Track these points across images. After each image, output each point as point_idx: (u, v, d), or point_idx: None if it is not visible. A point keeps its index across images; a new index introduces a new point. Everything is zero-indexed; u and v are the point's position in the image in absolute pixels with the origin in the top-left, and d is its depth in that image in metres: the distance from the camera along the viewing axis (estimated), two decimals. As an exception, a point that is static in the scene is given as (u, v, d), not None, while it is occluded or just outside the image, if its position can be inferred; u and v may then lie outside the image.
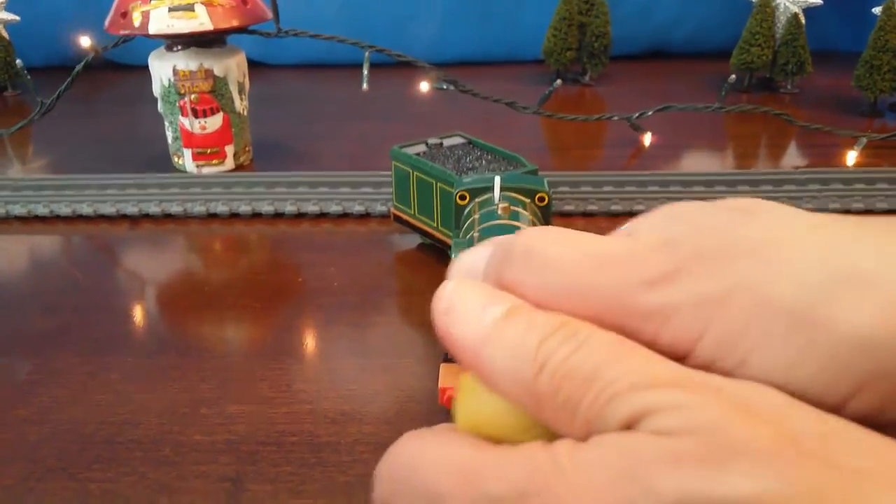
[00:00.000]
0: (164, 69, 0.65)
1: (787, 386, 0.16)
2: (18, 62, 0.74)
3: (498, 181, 0.44)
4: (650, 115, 0.70)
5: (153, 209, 0.60)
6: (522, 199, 0.44)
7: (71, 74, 0.68)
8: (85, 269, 0.54)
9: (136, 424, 0.37)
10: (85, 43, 0.67)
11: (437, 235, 0.51)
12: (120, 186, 0.63)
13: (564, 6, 0.93)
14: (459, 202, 0.45)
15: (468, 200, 0.45)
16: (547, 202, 0.44)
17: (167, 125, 0.68)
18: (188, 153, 0.67)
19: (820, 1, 0.87)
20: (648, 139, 0.72)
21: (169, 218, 0.60)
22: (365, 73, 0.67)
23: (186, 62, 0.64)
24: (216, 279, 0.52)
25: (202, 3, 0.62)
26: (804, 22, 0.87)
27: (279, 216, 0.60)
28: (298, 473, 0.34)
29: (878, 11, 0.79)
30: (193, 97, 0.65)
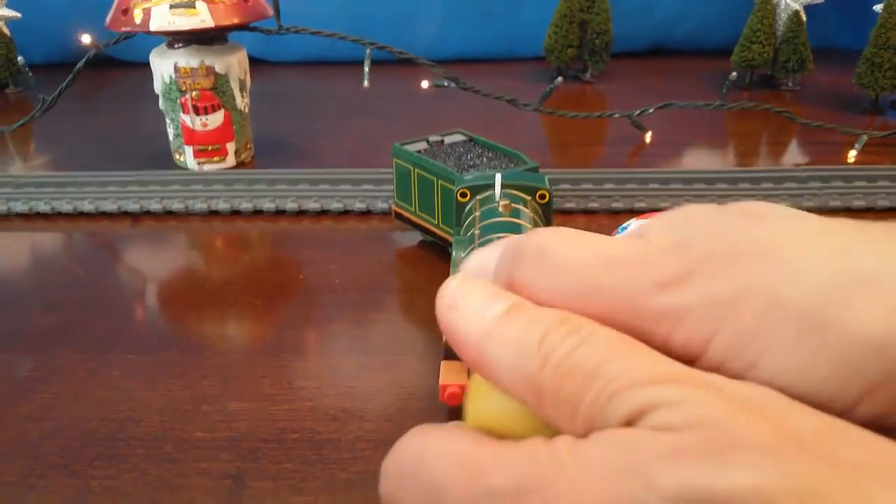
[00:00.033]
0: (165, 66, 0.65)
1: (797, 388, 0.16)
2: (20, 59, 0.74)
3: (499, 178, 0.44)
4: (651, 112, 0.70)
5: (154, 206, 0.60)
6: (523, 196, 0.44)
7: (72, 71, 0.68)
8: (86, 266, 0.54)
9: (137, 421, 0.37)
10: (86, 40, 0.67)
11: (438, 233, 0.51)
12: (121, 183, 0.63)
13: (565, 3, 0.93)
14: (460, 199, 0.45)
15: (469, 198, 0.45)
16: (548, 199, 0.44)
17: (168, 122, 0.68)
18: (189, 150, 0.67)
19: (821, -2, 0.87)
20: (649, 137, 0.72)
21: (170, 215, 0.60)
22: (366, 70, 0.67)
23: (188, 59, 0.64)
24: (217, 276, 0.52)
25: (203, 0, 0.62)
26: (805, 19, 0.87)
27: (280, 213, 0.60)
28: (299, 470, 0.34)
29: (879, 9, 0.79)
30: (195, 94, 0.65)
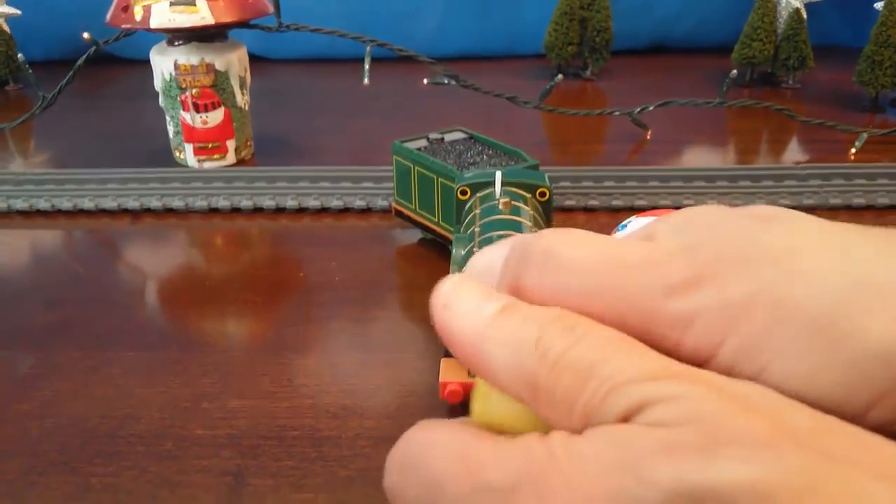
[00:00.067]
0: (165, 63, 0.65)
1: (807, 393, 0.16)
2: (20, 56, 0.74)
3: (499, 176, 0.44)
4: (651, 110, 0.70)
5: (154, 204, 0.60)
6: (523, 194, 0.44)
7: (72, 68, 0.68)
8: (86, 263, 0.54)
9: (137, 419, 0.37)
10: (86, 37, 0.67)
11: (438, 230, 0.51)
12: (121, 181, 0.63)
13: (566, 1, 0.93)
14: (460, 197, 0.45)
15: (469, 195, 0.45)
16: (548, 197, 0.44)
17: (168, 119, 0.68)
18: (189, 148, 0.67)
19: (821, -4, 0.87)
20: (650, 134, 0.72)
21: (170, 212, 0.60)
22: (366, 67, 0.67)
23: (188, 56, 0.64)
24: (217, 274, 0.52)
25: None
26: (806, 17, 0.87)
27: (280, 211, 0.60)
28: (300, 468, 0.34)
29: (879, 7, 0.78)
30: (195, 92, 0.65)
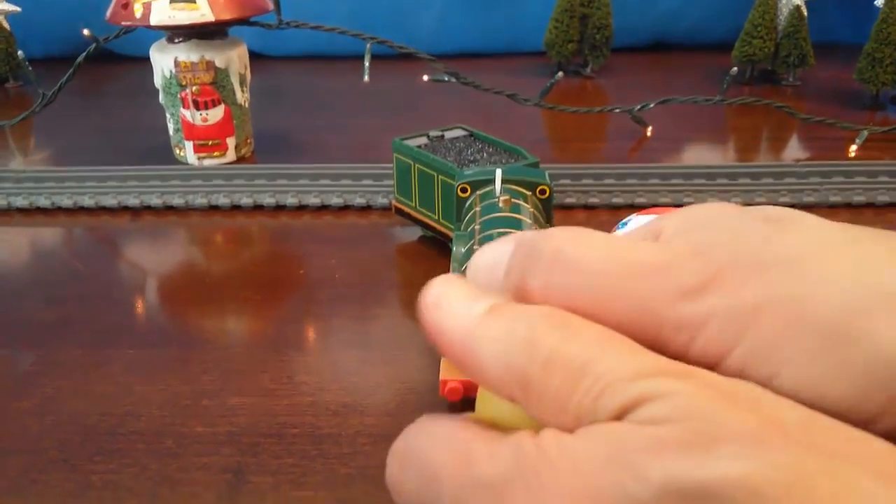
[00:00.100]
0: (165, 61, 0.65)
1: (818, 400, 0.15)
2: (20, 53, 0.74)
3: (499, 174, 0.44)
4: (652, 107, 0.70)
5: (155, 201, 0.60)
6: (524, 191, 0.44)
7: (72, 66, 0.68)
8: (87, 260, 0.54)
9: (137, 416, 0.37)
10: (86, 34, 0.67)
11: (438, 228, 0.51)
12: (121, 178, 0.63)
13: (566, -2, 0.93)
14: (461, 195, 0.45)
15: (469, 193, 0.45)
16: (548, 195, 0.44)
17: (168, 117, 0.68)
18: (189, 145, 0.67)
19: (822, -7, 0.87)
20: (650, 132, 0.72)
21: (170, 210, 0.60)
22: (366, 64, 0.67)
23: (188, 54, 0.64)
24: (217, 271, 0.52)
25: (203, -6, 0.62)
26: (806, 14, 0.87)
27: (281, 208, 0.60)
28: (300, 465, 0.34)
29: (880, 4, 0.78)
30: (195, 89, 0.65)
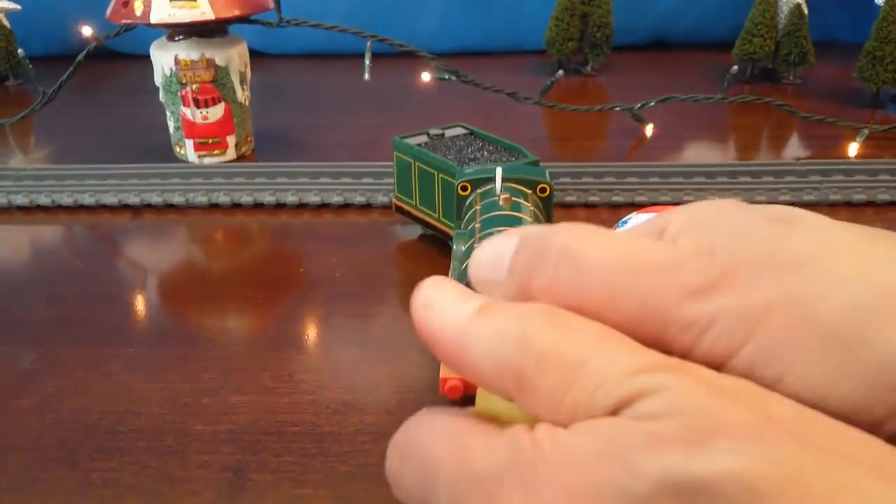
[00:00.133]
0: (165, 59, 0.65)
1: (825, 402, 0.15)
2: (20, 51, 0.74)
3: (499, 172, 0.44)
4: (652, 105, 0.70)
5: (155, 199, 0.60)
6: (524, 190, 0.44)
7: (73, 64, 0.68)
8: (87, 258, 0.54)
9: (138, 414, 0.37)
10: (86, 32, 0.67)
11: (438, 226, 0.51)
12: (121, 176, 0.63)
13: (566, -4, 0.93)
14: (461, 193, 0.45)
15: (470, 191, 0.45)
16: (548, 193, 0.44)
17: (169, 115, 0.68)
18: (190, 143, 0.67)
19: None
20: (650, 130, 0.72)
21: (171, 208, 0.60)
22: (367, 63, 0.67)
23: (188, 52, 0.64)
24: (218, 269, 0.52)
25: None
26: (807, 12, 0.87)
27: (281, 206, 0.60)
28: (300, 463, 0.34)
29: (880, 2, 0.78)
30: (195, 87, 0.65)
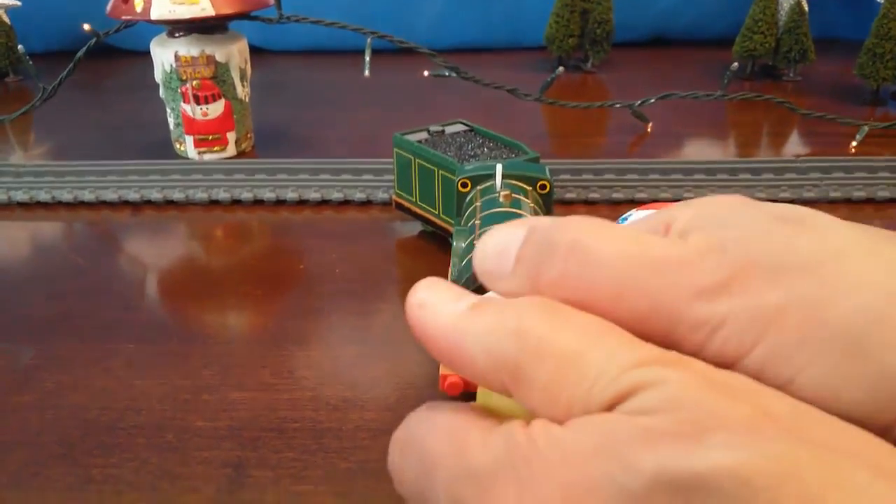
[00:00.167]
0: (165, 55, 0.65)
1: (835, 405, 0.15)
2: (20, 48, 0.74)
3: (500, 169, 0.44)
4: (652, 102, 0.70)
5: (155, 196, 0.60)
6: (524, 186, 0.44)
7: (73, 60, 0.68)
8: (87, 255, 0.54)
9: (138, 410, 0.37)
10: (86, 28, 0.67)
11: (438, 223, 0.51)
12: (121, 173, 0.63)
13: (567, -7, 0.93)
14: (461, 190, 0.45)
15: (470, 188, 0.45)
16: (548, 190, 0.45)
17: (169, 111, 0.68)
18: (190, 139, 0.67)
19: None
20: (650, 127, 0.72)
21: (171, 204, 0.60)
22: (367, 59, 0.67)
23: (188, 48, 0.64)
24: (218, 266, 0.52)
25: (204, -12, 0.61)
26: (807, 9, 0.87)
27: (281, 203, 0.60)
28: (300, 460, 0.34)
29: (881, -1, 0.78)
30: (195, 83, 0.65)
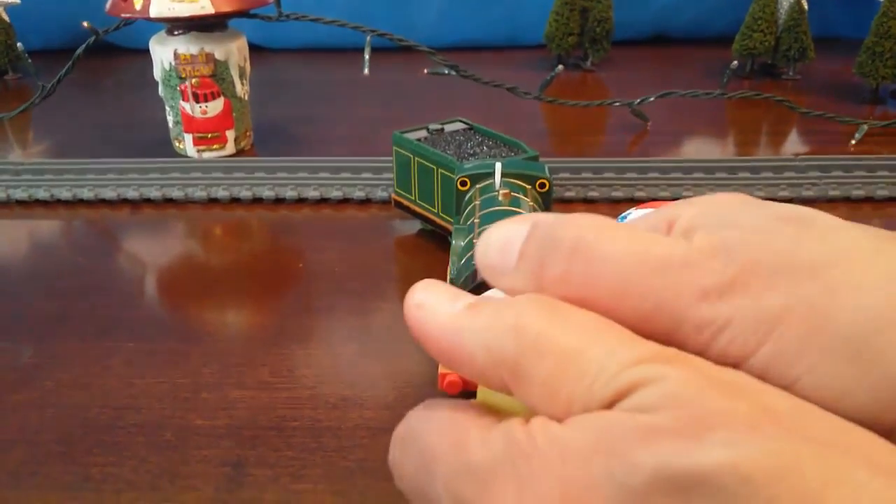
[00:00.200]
0: (165, 53, 0.64)
1: (839, 408, 0.15)
2: (19, 45, 0.74)
3: (499, 167, 0.44)
4: (652, 101, 0.70)
5: (154, 194, 0.60)
6: (523, 185, 0.44)
7: (72, 58, 0.68)
8: (86, 253, 0.54)
9: (137, 409, 0.37)
10: (86, 26, 0.67)
11: (437, 221, 0.51)
12: (121, 171, 0.63)
13: (566, -9, 0.92)
14: (460, 188, 0.45)
15: (469, 186, 0.45)
16: (548, 188, 0.45)
17: (168, 109, 0.68)
18: (189, 138, 0.67)
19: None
20: (650, 125, 0.72)
21: (170, 203, 0.60)
22: (366, 57, 0.67)
23: (187, 46, 0.64)
24: (217, 264, 0.52)
25: (203, -14, 0.61)
26: (807, 8, 0.87)
27: (280, 201, 0.60)
28: (299, 458, 0.34)
29: (881, -2, 0.78)
30: (194, 81, 0.65)
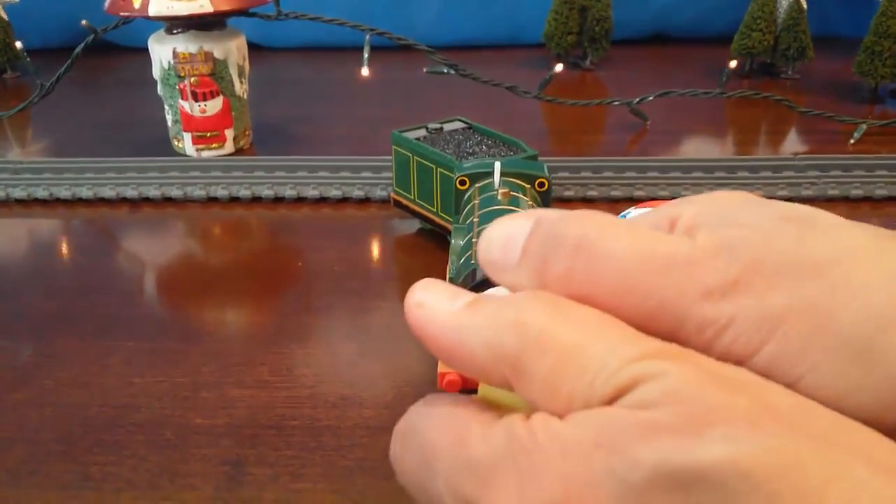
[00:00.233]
0: (163, 52, 0.64)
1: (841, 407, 0.15)
2: (18, 44, 0.74)
3: (498, 166, 0.44)
4: (651, 100, 0.70)
5: (153, 193, 0.60)
6: (522, 184, 0.44)
7: (71, 56, 0.68)
8: (85, 252, 0.54)
9: (137, 408, 0.37)
10: (84, 24, 0.67)
11: (436, 221, 0.51)
12: (119, 170, 0.63)
13: (565, -10, 0.92)
14: (459, 187, 0.45)
15: (468, 185, 0.45)
16: (547, 187, 0.45)
17: (167, 108, 0.68)
18: (188, 137, 0.67)
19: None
20: (649, 125, 0.72)
21: (169, 202, 0.60)
22: (365, 56, 0.67)
23: (186, 45, 0.64)
24: (216, 263, 0.52)
25: (202, -15, 0.61)
26: (805, 7, 0.87)
27: (279, 200, 0.60)
28: (299, 457, 0.34)
29: (880, -3, 0.78)
30: (193, 80, 0.65)
